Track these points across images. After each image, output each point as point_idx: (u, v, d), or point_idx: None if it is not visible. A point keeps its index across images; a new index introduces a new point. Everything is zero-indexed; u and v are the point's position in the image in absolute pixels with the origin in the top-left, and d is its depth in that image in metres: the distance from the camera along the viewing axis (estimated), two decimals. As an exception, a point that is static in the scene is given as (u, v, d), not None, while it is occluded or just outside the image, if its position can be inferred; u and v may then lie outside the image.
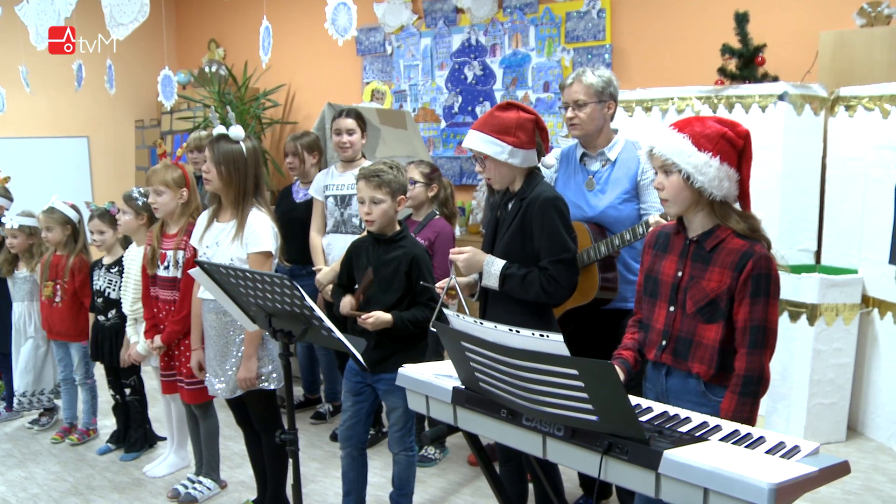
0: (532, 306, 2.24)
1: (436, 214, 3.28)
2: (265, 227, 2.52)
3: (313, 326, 1.93)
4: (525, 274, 2.19)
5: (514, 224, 2.23)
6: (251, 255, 2.49)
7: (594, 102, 2.49)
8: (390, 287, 2.49)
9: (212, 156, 2.51)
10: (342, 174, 3.49)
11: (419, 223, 3.24)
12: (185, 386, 2.90)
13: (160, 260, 2.90)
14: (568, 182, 2.62)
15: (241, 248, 2.50)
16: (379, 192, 2.46)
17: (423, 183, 3.25)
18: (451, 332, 1.61)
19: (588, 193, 2.56)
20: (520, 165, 2.21)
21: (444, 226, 3.25)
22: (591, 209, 2.52)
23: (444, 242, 3.17)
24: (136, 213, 3.15)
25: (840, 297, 3.38)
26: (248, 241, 2.49)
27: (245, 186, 2.52)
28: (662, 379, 1.87)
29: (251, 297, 2.01)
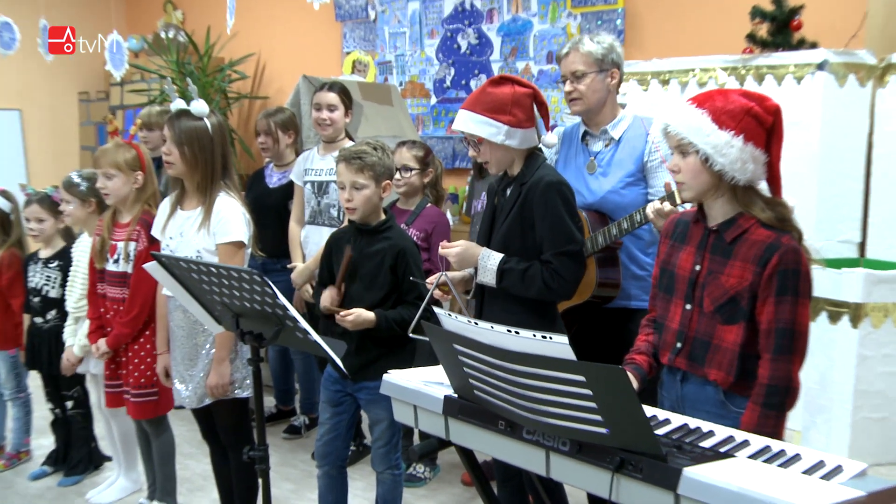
0: (534, 305, 2.26)
1: (428, 202, 3.30)
2: (235, 214, 2.53)
3: (287, 328, 1.94)
4: (526, 268, 2.21)
5: (512, 212, 2.25)
6: (221, 246, 2.51)
7: (594, 72, 2.50)
8: (374, 283, 2.50)
9: (172, 135, 2.52)
10: (322, 158, 3.50)
11: (411, 212, 3.25)
12: (133, 398, 2.87)
13: (109, 252, 2.88)
14: (568, 165, 2.64)
15: (209, 237, 2.51)
16: (361, 176, 2.47)
17: (418, 169, 3.27)
18: (442, 333, 1.62)
19: (589, 177, 2.57)
20: (518, 147, 2.23)
21: (440, 216, 3.27)
22: (592, 194, 2.54)
23: (441, 235, 3.18)
24: (82, 200, 3.11)
25: (889, 296, 3.29)
26: (217, 229, 2.51)
27: (212, 169, 2.53)
28: (678, 386, 1.90)
29: (216, 294, 2.03)
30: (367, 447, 3.56)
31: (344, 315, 2.44)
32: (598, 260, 2.46)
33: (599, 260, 2.46)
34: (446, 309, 1.91)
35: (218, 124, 2.56)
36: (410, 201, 3.30)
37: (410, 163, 3.25)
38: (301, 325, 1.90)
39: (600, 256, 2.46)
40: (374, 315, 2.45)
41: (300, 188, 3.57)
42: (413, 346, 2.59)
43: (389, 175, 2.55)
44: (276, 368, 4.10)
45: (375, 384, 2.25)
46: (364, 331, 2.47)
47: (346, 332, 2.48)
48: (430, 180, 3.33)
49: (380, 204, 2.56)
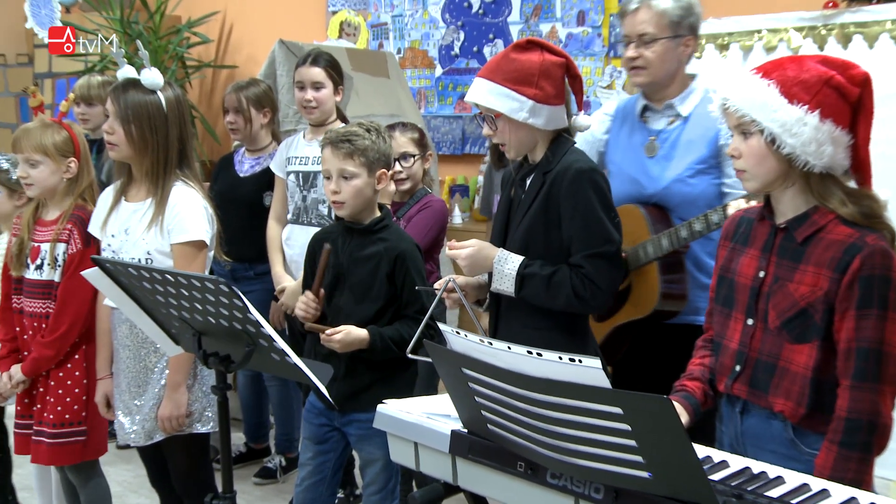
0: (560, 318, 2.27)
1: (428, 191, 3.31)
2: (195, 208, 2.54)
3: (260, 348, 1.95)
4: (551, 273, 2.22)
5: (534, 206, 2.26)
6: (177, 247, 2.52)
7: (667, 38, 2.51)
8: (367, 294, 2.51)
9: (116, 110, 2.53)
10: (309, 143, 3.52)
11: (405, 204, 3.27)
12: (51, 440, 2.75)
13: (30, 257, 2.81)
14: (622, 145, 2.66)
15: (163, 236, 2.52)
16: (350, 163, 2.49)
17: (419, 154, 3.28)
18: (449, 355, 1.63)
19: (648, 161, 2.58)
20: (543, 127, 2.24)
21: (436, 201, 3.29)
22: (652, 183, 2.55)
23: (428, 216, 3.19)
24: (10, 190, 3.11)
25: None
26: (173, 226, 2.52)
27: (165, 152, 2.54)
28: (737, 419, 1.90)
29: (172, 307, 2.04)
30: (357, 495, 3.56)
31: (330, 334, 2.44)
32: (661, 267, 2.47)
33: (663, 267, 2.47)
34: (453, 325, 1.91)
35: (175, 99, 2.57)
36: (407, 193, 3.31)
37: (410, 148, 3.26)
38: (278, 344, 1.90)
39: (663, 262, 2.47)
40: (366, 333, 2.46)
41: (281, 181, 3.58)
42: (414, 370, 2.59)
43: (385, 162, 2.56)
44: (246, 398, 4.11)
45: (368, 417, 2.24)
46: (355, 352, 2.48)
47: (333, 354, 2.49)
48: (430, 165, 3.35)
49: (374, 197, 2.57)
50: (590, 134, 2.78)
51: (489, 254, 2.29)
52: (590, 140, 2.76)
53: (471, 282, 2.43)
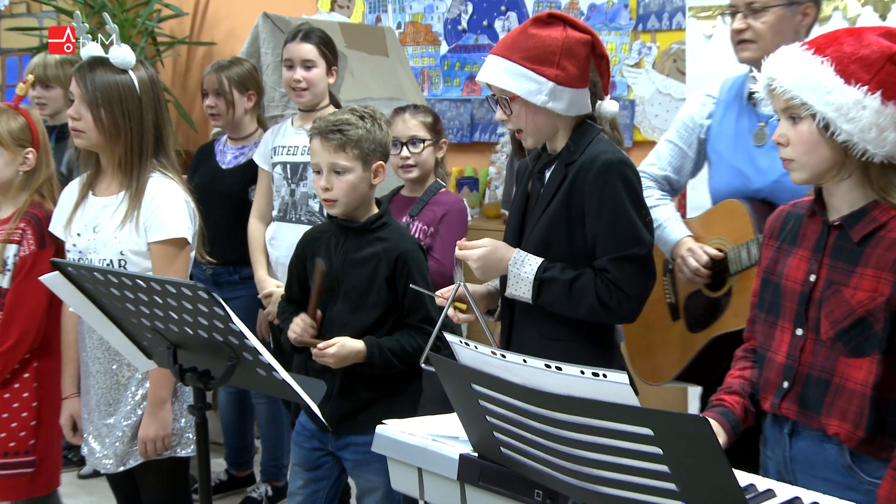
0: (583, 329, 2.27)
1: (442, 186, 3.31)
2: (176, 202, 2.56)
3: (244, 363, 1.95)
4: (573, 278, 2.22)
5: (555, 202, 2.26)
6: (156, 246, 2.53)
7: (781, 6, 2.50)
8: (363, 302, 2.52)
9: (82, 92, 2.54)
10: (298, 131, 3.53)
11: (418, 200, 3.26)
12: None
13: None
14: (726, 132, 2.65)
15: (139, 234, 2.53)
16: (342, 155, 2.49)
17: (432, 140, 3.28)
18: (458, 370, 1.64)
19: (756, 151, 2.58)
20: (564, 112, 2.24)
21: (454, 199, 3.28)
22: (760, 176, 2.55)
23: (454, 225, 3.20)
24: None
25: None
26: (150, 223, 2.53)
27: (140, 139, 2.55)
28: (785, 442, 1.90)
29: (144, 316, 2.04)
30: (353, 528, 3.57)
31: (323, 347, 2.45)
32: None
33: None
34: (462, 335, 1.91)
35: (149, 79, 2.59)
36: (420, 187, 3.31)
37: (420, 132, 3.25)
38: (264, 358, 1.91)
39: None
40: (363, 345, 2.47)
41: (266, 173, 3.59)
42: (417, 386, 2.61)
43: (383, 153, 2.57)
44: (228, 419, 4.12)
45: (366, 439, 2.25)
46: (351, 367, 2.48)
47: (326, 369, 2.49)
48: (443, 155, 3.34)
49: (370, 193, 2.58)
50: (689, 118, 2.78)
51: (504, 255, 2.29)
52: (689, 125, 2.77)
53: (482, 288, 2.43)
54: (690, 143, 2.78)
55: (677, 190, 2.88)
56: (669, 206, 2.79)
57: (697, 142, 2.76)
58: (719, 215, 2.68)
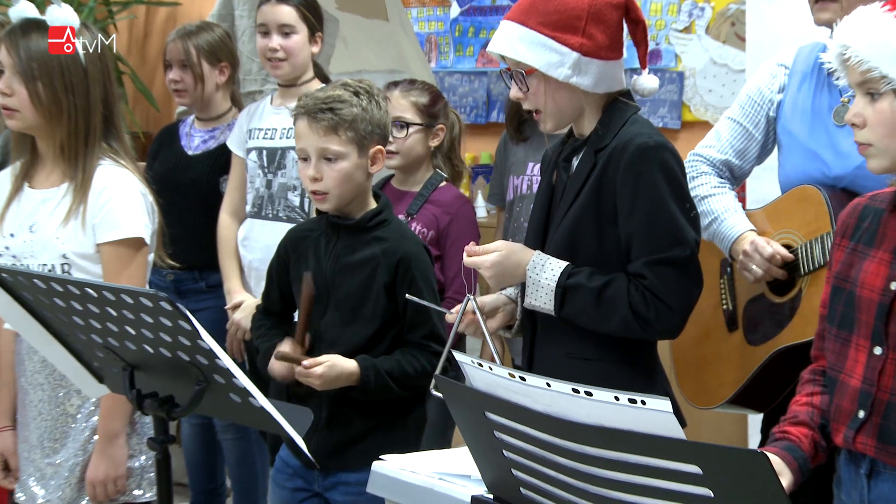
0: (618, 345, 2.28)
1: (442, 179, 3.32)
2: (130, 194, 2.57)
3: (214, 386, 1.96)
4: (602, 285, 2.23)
5: (583, 196, 2.27)
6: (107, 248, 2.54)
7: None
8: (358, 313, 2.54)
9: (15, 63, 2.54)
10: (277, 111, 3.55)
11: (416, 195, 3.29)
12: None
13: None
14: (801, 109, 2.66)
15: (86, 233, 2.54)
16: (334, 139, 2.50)
17: (421, 124, 3.29)
18: (470, 395, 1.64)
19: (837, 132, 2.59)
20: (591, 89, 2.25)
21: (460, 202, 3.30)
22: (840, 161, 2.55)
23: (461, 232, 3.22)
24: None
25: None
26: (100, 220, 2.54)
27: (87, 120, 2.56)
28: (862, 484, 1.90)
29: (95, 332, 2.04)
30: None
31: (309, 366, 2.46)
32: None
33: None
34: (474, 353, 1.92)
35: (97, 48, 2.59)
36: (411, 179, 3.33)
37: (406, 114, 3.28)
38: (239, 381, 1.91)
39: None
40: (356, 365, 2.48)
41: (240, 161, 3.61)
42: (421, 415, 2.62)
43: (382, 136, 2.58)
44: (194, 454, 4.12)
45: (359, 478, 2.27)
46: (342, 391, 2.50)
47: (312, 394, 2.51)
48: (440, 144, 3.34)
49: (367, 184, 2.59)
50: (756, 91, 2.78)
51: (521, 259, 2.30)
52: (756, 100, 2.77)
53: (489, 300, 2.44)
54: (757, 122, 2.78)
55: (739, 178, 2.87)
56: (729, 195, 2.77)
57: (766, 120, 2.76)
58: (789, 204, 2.68)
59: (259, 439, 3.91)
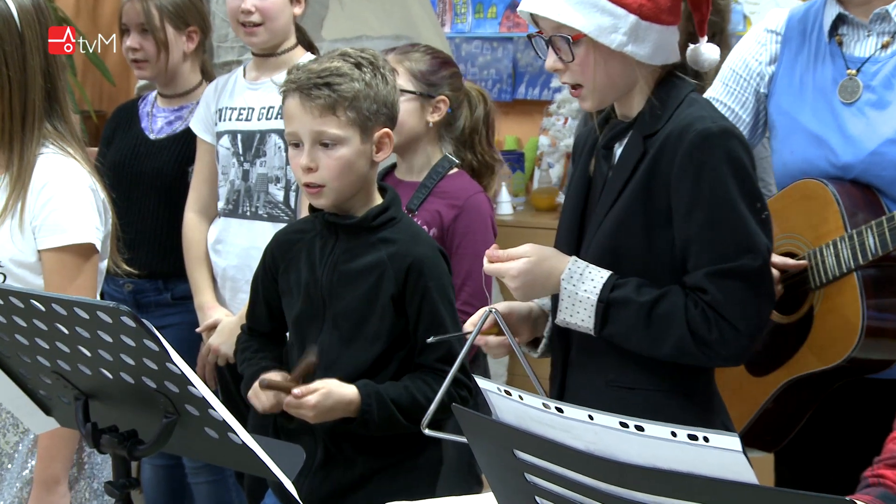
0: (671, 372, 2.28)
1: (451, 165, 3.31)
2: (77, 190, 2.58)
3: (187, 419, 1.96)
4: (654, 300, 2.23)
5: (629, 190, 2.28)
6: (49, 255, 2.56)
7: None
8: (360, 330, 2.56)
9: None
10: (252, 85, 3.57)
11: (419, 186, 3.29)
12: None
13: None
14: (798, 84, 2.67)
15: (24, 237, 2.56)
16: (332, 121, 2.52)
17: (413, 92, 3.29)
18: (495, 430, 1.65)
19: (844, 110, 2.60)
20: (647, 60, 2.26)
21: (468, 190, 3.30)
22: (850, 146, 2.57)
23: (471, 227, 3.22)
24: None
25: None
26: (41, 221, 2.56)
27: (23, 97, 2.57)
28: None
29: (41, 354, 2.05)
30: None
31: (301, 395, 2.47)
32: (866, 284, 2.47)
33: (867, 284, 2.47)
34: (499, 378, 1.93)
35: (34, 8, 2.61)
36: (413, 165, 3.33)
37: (400, 80, 3.26)
38: (217, 413, 1.92)
39: (867, 276, 2.47)
40: (356, 392, 2.49)
41: (207, 146, 3.64)
42: (434, 455, 2.64)
43: (389, 116, 2.60)
44: (159, 502, 4.14)
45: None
46: (339, 425, 2.51)
47: (304, 428, 2.53)
48: (443, 119, 3.33)
49: (372, 175, 2.61)
50: (741, 64, 2.79)
51: (554, 267, 2.30)
52: (741, 74, 2.79)
53: (516, 310, 2.44)
54: (744, 101, 2.78)
55: None
56: None
57: (754, 98, 2.77)
58: (790, 203, 2.68)
59: (237, 484, 3.92)
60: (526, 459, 1.61)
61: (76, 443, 2.57)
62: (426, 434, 2.26)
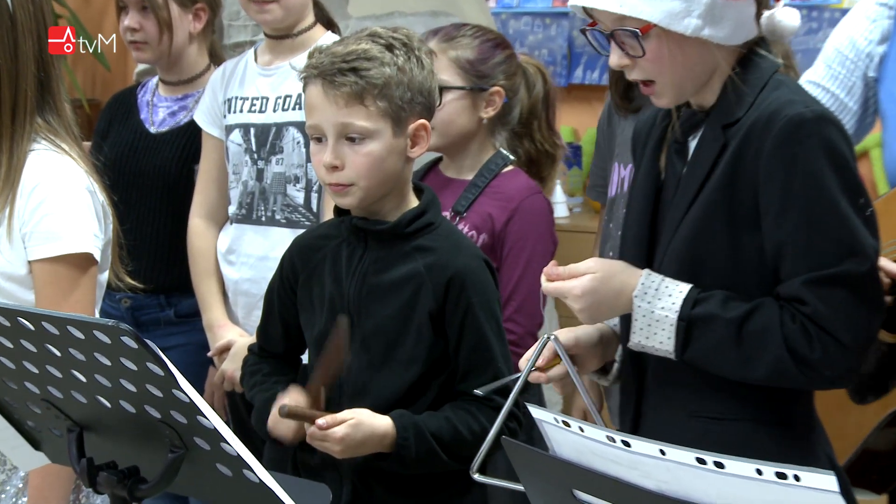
0: (765, 400, 2.28)
1: (505, 162, 3.33)
2: (73, 192, 2.60)
3: (196, 454, 1.98)
4: (745, 315, 2.22)
5: (708, 189, 2.28)
6: (42, 267, 2.58)
7: None
8: (393, 352, 2.57)
9: None
10: (266, 70, 3.59)
11: (468, 186, 3.29)
12: None
13: None
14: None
15: (12, 246, 2.59)
16: (359, 111, 2.53)
17: (461, 87, 3.30)
18: (551, 466, 1.66)
19: None
20: (727, 42, 2.26)
21: (525, 190, 3.30)
22: None
23: (525, 233, 3.22)
24: None
25: None
26: (32, 228, 2.58)
27: (14, 86, 2.60)
28: None
29: (29, 379, 2.07)
30: None
31: (326, 426, 2.47)
32: None
33: None
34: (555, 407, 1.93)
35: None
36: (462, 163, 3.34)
37: (442, 74, 3.22)
38: (231, 447, 1.92)
39: None
40: (391, 424, 2.50)
41: (215, 142, 3.66)
42: (480, 497, 2.64)
43: (426, 106, 2.61)
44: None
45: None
46: (370, 461, 2.52)
47: (329, 464, 2.54)
48: (499, 113, 3.34)
49: (406, 173, 2.63)
50: (848, 44, 2.80)
51: (625, 283, 2.29)
52: (848, 56, 2.79)
53: (582, 336, 2.44)
54: (851, 87, 2.77)
55: None
56: None
57: (863, 83, 2.76)
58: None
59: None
60: (587, 501, 1.62)
61: (72, 482, 2.58)
62: (475, 479, 2.26)
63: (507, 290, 3.10)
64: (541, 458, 1.67)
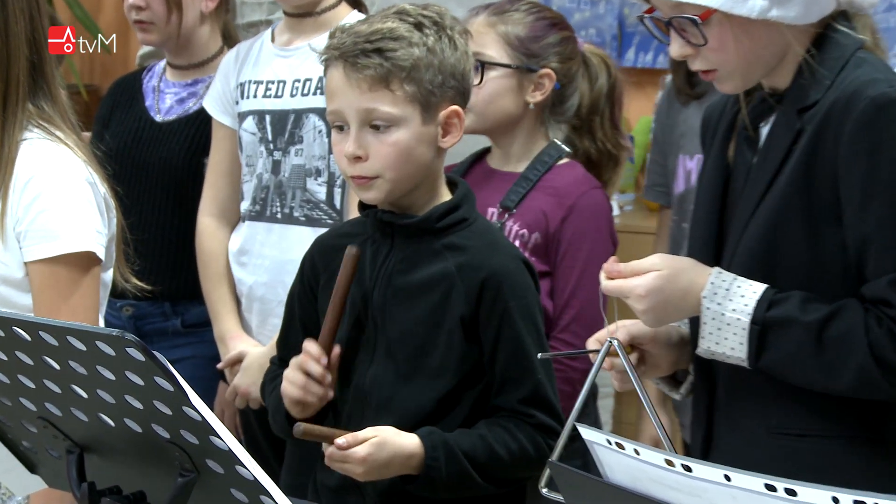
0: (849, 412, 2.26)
1: (560, 154, 3.31)
2: (72, 185, 2.62)
3: (208, 477, 1.98)
4: (825, 318, 2.21)
5: (782, 180, 2.27)
6: (38, 268, 2.60)
7: None
8: (421, 362, 2.57)
9: None
10: (284, 51, 3.60)
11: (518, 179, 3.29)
12: None
13: None
14: None
15: (6, 246, 2.60)
16: (385, 96, 2.53)
17: (507, 65, 3.30)
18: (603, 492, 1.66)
19: None
20: (798, 21, 2.24)
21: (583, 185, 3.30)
22: None
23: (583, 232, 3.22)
24: None
25: None
26: (28, 226, 2.60)
27: (5, 70, 2.62)
28: None
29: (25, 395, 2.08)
30: None
31: (346, 445, 2.47)
32: None
33: None
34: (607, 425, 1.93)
35: None
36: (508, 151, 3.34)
37: (487, 50, 3.26)
38: (247, 471, 1.92)
39: None
40: (418, 442, 2.50)
41: (227, 131, 3.67)
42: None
43: (459, 91, 2.60)
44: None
45: None
46: (396, 483, 2.53)
47: (350, 487, 2.55)
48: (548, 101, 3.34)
49: (438, 164, 2.63)
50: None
51: (693, 282, 2.29)
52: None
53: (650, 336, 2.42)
54: None
55: None
56: None
57: None
58: None
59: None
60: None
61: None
62: (544, 495, 2.23)
63: (563, 297, 3.12)
64: (592, 483, 1.66)
